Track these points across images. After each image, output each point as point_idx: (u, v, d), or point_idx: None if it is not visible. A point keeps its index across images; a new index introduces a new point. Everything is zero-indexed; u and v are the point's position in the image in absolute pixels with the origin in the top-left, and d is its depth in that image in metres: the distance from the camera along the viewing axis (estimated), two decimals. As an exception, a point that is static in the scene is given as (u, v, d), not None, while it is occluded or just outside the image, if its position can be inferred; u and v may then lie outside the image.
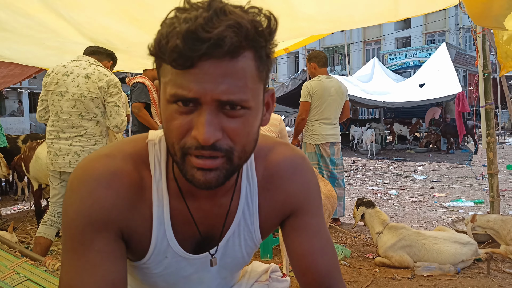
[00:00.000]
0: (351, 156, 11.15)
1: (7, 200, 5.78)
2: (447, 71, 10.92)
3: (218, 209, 0.78)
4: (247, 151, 0.67)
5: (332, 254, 0.84)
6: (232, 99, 0.60)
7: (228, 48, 0.57)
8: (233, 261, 0.85)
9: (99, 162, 0.71)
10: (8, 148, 5.27)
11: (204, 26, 0.56)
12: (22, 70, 5.56)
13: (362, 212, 3.14)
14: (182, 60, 0.57)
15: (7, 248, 2.26)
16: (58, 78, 2.72)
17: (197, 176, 0.64)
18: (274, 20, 0.63)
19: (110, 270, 0.68)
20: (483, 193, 5.62)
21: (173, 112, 0.62)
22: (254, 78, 0.63)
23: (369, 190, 6.28)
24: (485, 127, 3.65)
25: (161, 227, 0.75)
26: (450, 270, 2.73)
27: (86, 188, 0.69)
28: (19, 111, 21.80)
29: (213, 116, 0.61)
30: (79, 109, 2.71)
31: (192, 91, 0.59)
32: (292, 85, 11.52)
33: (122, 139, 0.80)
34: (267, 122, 0.73)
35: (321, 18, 3.14)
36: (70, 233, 0.69)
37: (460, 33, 23.21)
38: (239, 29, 0.57)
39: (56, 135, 2.75)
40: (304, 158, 0.86)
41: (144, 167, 0.74)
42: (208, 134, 0.59)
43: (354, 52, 27.47)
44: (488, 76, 3.65)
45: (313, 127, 3.95)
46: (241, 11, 0.60)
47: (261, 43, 0.61)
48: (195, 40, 0.56)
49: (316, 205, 0.85)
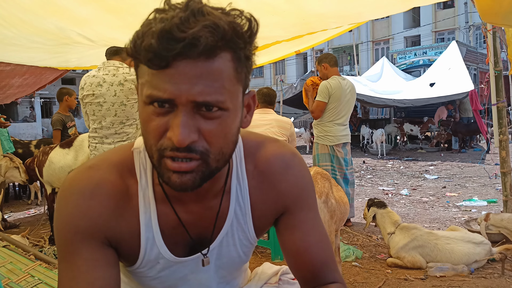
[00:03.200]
0: (361, 156, 11.08)
1: (20, 205, 5.86)
2: (458, 70, 10.79)
3: (208, 212, 0.78)
4: (224, 153, 0.66)
5: (327, 247, 0.83)
6: (208, 100, 0.60)
7: (203, 48, 0.57)
8: (229, 261, 0.85)
9: (83, 175, 0.73)
10: (21, 153, 5.35)
11: (179, 26, 0.56)
12: (35, 80, 5.66)
13: (374, 212, 3.12)
14: (157, 60, 0.57)
15: (22, 252, 2.30)
16: (93, 89, 2.78)
17: (172, 179, 0.63)
18: (255, 22, 0.62)
19: (99, 277, 0.69)
20: (496, 192, 5.54)
21: (150, 113, 0.62)
22: (232, 79, 0.62)
23: (380, 190, 6.23)
24: (497, 125, 3.60)
25: (150, 233, 0.76)
26: (464, 270, 2.70)
27: (72, 200, 0.71)
28: (31, 117, 22.13)
29: (189, 118, 0.60)
30: (120, 117, 2.79)
31: (167, 92, 0.59)
32: (300, 86, 11.49)
33: (109, 149, 0.82)
34: (248, 124, 0.72)
35: (330, 15, 3.13)
36: (60, 243, 0.72)
37: (470, 30, 22.95)
38: (216, 29, 0.57)
39: (100, 140, 2.83)
40: (295, 154, 0.84)
41: (130, 175, 0.75)
42: (183, 135, 0.59)
43: (363, 52, 27.31)
44: (500, 74, 3.60)
45: (328, 128, 3.93)
46: (220, 13, 0.60)
47: (239, 44, 0.61)
48: (169, 40, 0.56)
49: (309, 201, 0.84)
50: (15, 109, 21.75)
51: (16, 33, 3.02)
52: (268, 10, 2.74)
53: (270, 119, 3.40)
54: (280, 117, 3.56)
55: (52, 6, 2.47)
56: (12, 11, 2.52)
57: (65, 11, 2.59)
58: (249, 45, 0.63)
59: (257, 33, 0.63)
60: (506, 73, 4.29)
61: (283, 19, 3.03)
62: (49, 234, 3.86)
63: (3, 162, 4.07)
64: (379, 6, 3.02)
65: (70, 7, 2.54)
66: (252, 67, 0.67)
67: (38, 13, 2.56)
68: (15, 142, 5.65)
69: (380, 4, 2.97)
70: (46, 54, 3.95)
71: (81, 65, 4.80)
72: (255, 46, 0.65)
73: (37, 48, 3.51)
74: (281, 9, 2.79)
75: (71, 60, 4.41)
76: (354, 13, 3.19)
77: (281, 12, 2.86)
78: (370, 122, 14.07)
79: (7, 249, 2.26)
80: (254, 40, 0.64)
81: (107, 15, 2.75)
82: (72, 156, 3.56)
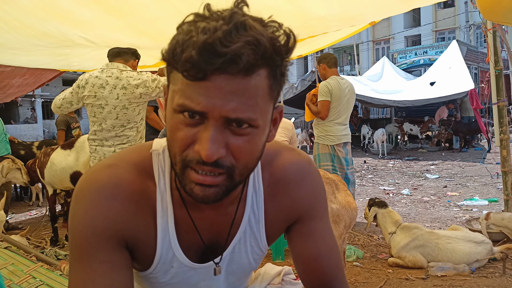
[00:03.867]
0: (362, 156, 11.08)
1: (22, 206, 5.88)
2: (458, 69, 10.78)
3: (223, 218, 0.77)
4: (249, 168, 0.65)
5: (336, 256, 0.84)
6: (240, 117, 0.58)
7: (244, 65, 0.55)
8: (239, 268, 0.84)
9: (102, 173, 0.72)
10: (23, 154, 5.36)
11: (222, 40, 0.54)
12: (35, 79, 5.68)
13: (375, 212, 3.12)
14: (195, 71, 0.56)
15: (23, 253, 2.30)
16: (96, 91, 2.74)
17: (195, 191, 0.63)
18: (293, 37, 0.61)
19: (114, 279, 0.68)
20: (497, 191, 5.54)
21: (179, 122, 0.61)
22: (266, 97, 0.61)
23: (381, 190, 6.23)
24: (498, 124, 3.60)
25: (166, 237, 0.75)
26: (465, 269, 2.70)
27: (90, 199, 0.70)
28: (33, 118, 22.17)
29: (219, 133, 0.59)
30: (122, 120, 2.77)
31: (201, 104, 0.57)
32: (301, 87, 11.50)
33: (126, 148, 0.81)
34: (273, 138, 0.71)
35: (332, 18, 3.13)
36: (75, 244, 0.70)
37: (470, 29, 22.91)
38: (257, 46, 0.56)
39: (100, 143, 2.81)
40: (310, 163, 0.84)
41: (148, 177, 0.74)
42: (211, 150, 0.58)
43: (363, 52, 27.28)
44: (500, 73, 3.60)
45: (328, 128, 3.93)
46: (261, 25, 0.58)
47: (277, 61, 0.59)
48: (211, 54, 0.54)
49: (322, 209, 0.85)
50: (16, 110, 21.79)
51: (17, 37, 3.03)
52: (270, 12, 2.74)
53: None
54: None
55: (54, 9, 2.48)
56: (14, 14, 2.52)
57: (66, 14, 2.60)
58: (285, 61, 0.62)
59: (294, 48, 0.61)
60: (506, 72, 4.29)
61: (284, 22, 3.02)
62: (50, 235, 3.87)
63: (5, 163, 4.08)
64: (380, 7, 3.02)
65: (72, 9, 2.54)
66: (284, 83, 0.65)
67: (40, 16, 2.56)
68: (18, 143, 5.66)
69: (382, 5, 2.96)
70: (48, 58, 3.96)
71: (84, 68, 4.81)
72: (290, 62, 0.64)
73: (39, 51, 3.52)
74: (282, 11, 2.78)
75: (73, 64, 4.43)
76: (355, 15, 3.19)
77: (283, 15, 2.86)
78: (371, 121, 14.07)
79: (8, 250, 2.26)
80: (290, 56, 0.62)
81: (108, 16, 2.75)
82: (73, 157, 3.56)
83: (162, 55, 0.60)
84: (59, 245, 3.67)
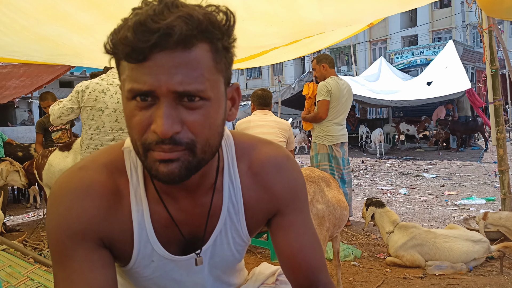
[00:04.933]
0: (360, 156, 11.10)
1: (19, 208, 5.86)
2: (455, 69, 10.81)
3: (200, 209, 0.78)
4: (211, 144, 0.66)
5: (319, 249, 0.84)
6: (188, 90, 0.60)
7: (178, 37, 0.57)
8: (223, 260, 0.85)
9: (73, 176, 0.73)
10: (21, 156, 5.35)
11: (153, 17, 0.57)
12: (32, 81, 5.67)
13: (372, 212, 3.12)
14: (135, 53, 0.58)
15: (21, 255, 2.30)
16: (96, 95, 2.76)
17: (160, 169, 0.63)
18: (231, 14, 0.63)
19: (95, 278, 0.69)
20: (494, 190, 5.56)
21: (133, 108, 0.62)
22: (211, 69, 0.63)
23: (378, 190, 6.24)
24: (495, 124, 3.62)
25: (143, 232, 0.75)
26: (462, 268, 2.71)
27: (63, 203, 0.71)
28: (30, 120, 22.10)
29: (171, 109, 0.60)
30: (120, 123, 2.80)
31: (147, 83, 0.59)
32: (298, 87, 11.49)
33: (99, 150, 0.82)
34: (234, 117, 0.72)
35: (328, 22, 3.14)
36: (53, 247, 0.72)
37: (467, 29, 22.99)
38: (190, 19, 0.58)
39: (95, 148, 2.81)
40: (288, 157, 0.85)
41: (120, 175, 0.75)
42: (166, 126, 0.59)
43: (360, 52, 27.34)
44: (496, 72, 3.62)
45: (327, 128, 3.95)
46: (195, 6, 0.61)
47: (216, 35, 0.61)
48: (144, 32, 0.57)
49: (302, 203, 0.85)
50: (13, 112, 21.73)
51: (16, 40, 3.01)
52: (267, 19, 2.74)
53: (270, 120, 3.42)
54: (279, 119, 3.58)
55: (54, 12, 2.47)
56: (13, 17, 2.51)
57: (66, 17, 2.59)
58: (227, 36, 0.63)
59: (234, 24, 0.64)
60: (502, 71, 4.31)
61: (282, 29, 3.02)
62: (48, 237, 3.86)
63: (4, 166, 4.07)
64: (376, 9, 3.03)
65: (72, 13, 2.53)
66: (232, 59, 0.67)
67: (39, 19, 2.55)
68: (16, 145, 5.64)
69: (377, 7, 2.98)
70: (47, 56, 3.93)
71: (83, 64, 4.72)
72: (234, 38, 0.65)
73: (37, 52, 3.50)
74: (279, 19, 2.78)
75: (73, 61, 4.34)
76: (352, 19, 3.20)
77: (280, 22, 2.86)
78: (368, 121, 14.08)
79: (6, 252, 2.26)
80: (232, 31, 0.64)
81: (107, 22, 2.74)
82: (71, 159, 3.56)
83: (105, 48, 0.62)
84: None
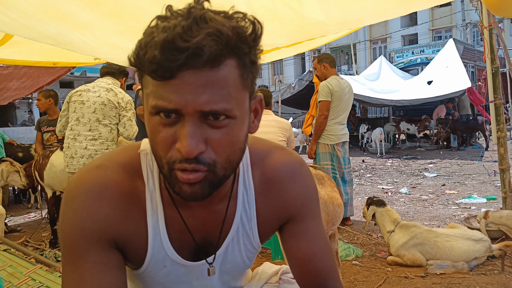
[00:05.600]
0: (361, 155, 11.09)
1: (20, 209, 5.87)
2: (455, 68, 10.80)
3: (214, 216, 0.77)
4: (232, 161, 0.65)
5: (330, 255, 0.84)
6: (214, 109, 0.58)
7: (208, 57, 0.55)
8: (233, 266, 0.84)
9: (90, 175, 0.71)
10: (21, 157, 5.35)
11: (182, 35, 0.54)
12: (33, 82, 5.68)
13: (373, 211, 3.12)
14: (161, 71, 0.56)
15: (22, 255, 2.31)
16: (81, 93, 3.15)
17: (184, 189, 0.63)
18: (259, 24, 0.61)
19: (106, 280, 0.69)
20: (495, 189, 5.56)
21: (156, 124, 0.61)
22: (238, 86, 0.61)
23: (379, 189, 6.24)
24: (495, 122, 3.61)
25: (157, 236, 0.75)
26: (464, 267, 2.71)
27: (79, 201, 0.70)
28: (30, 121, 22.12)
29: (196, 128, 0.59)
30: (98, 114, 3.07)
31: (173, 102, 0.58)
32: (298, 86, 11.49)
33: (114, 149, 0.81)
34: (256, 129, 0.71)
35: (330, 22, 3.14)
36: (66, 246, 0.70)
37: (467, 28, 22.97)
38: (219, 37, 0.55)
39: (73, 138, 3.07)
40: (301, 163, 0.84)
41: (137, 177, 0.74)
42: (192, 146, 0.58)
43: (360, 51, 27.34)
44: (497, 71, 3.61)
45: (329, 127, 3.96)
46: (223, 17, 0.58)
47: (244, 50, 0.59)
48: (173, 50, 0.54)
49: (314, 210, 0.85)
50: (13, 113, 21.75)
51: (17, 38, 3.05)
52: (269, 15, 2.74)
53: (270, 119, 3.42)
54: (279, 118, 3.58)
55: (54, 11, 2.47)
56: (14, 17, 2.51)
57: (66, 16, 2.59)
58: (254, 49, 0.61)
59: (261, 35, 0.61)
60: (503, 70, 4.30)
61: (282, 26, 3.02)
62: (49, 237, 3.86)
63: (4, 166, 4.07)
64: (378, 11, 3.02)
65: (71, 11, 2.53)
66: (258, 71, 0.65)
67: (40, 19, 2.55)
68: (16, 146, 5.65)
69: (380, 9, 2.97)
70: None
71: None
72: (260, 49, 0.63)
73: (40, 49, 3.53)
74: (281, 15, 2.78)
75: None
76: (353, 19, 3.20)
77: (281, 19, 2.86)
78: (369, 121, 14.08)
79: (7, 252, 2.26)
80: (259, 43, 0.62)
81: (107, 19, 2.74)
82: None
83: (129, 61, 0.60)
84: (58, 247, 3.67)
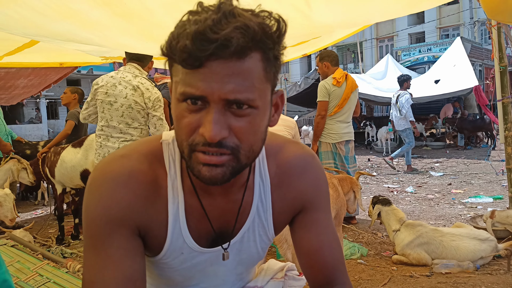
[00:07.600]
0: (367, 154, 11.05)
1: (27, 205, 5.92)
2: (463, 66, 10.71)
3: (232, 205, 0.80)
4: (254, 150, 0.69)
5: (338, 248, 0.87)
6: (239, 98, 0.62)
7: (235, 48, 0.59)
8: (248, 257, 0.87)
9: (115, 163, 0.75)
10: (29, 154, 5.39)
11: (212, 28, 0.58)
12: (40, 80, 5.73)
13: (378, 210, 3.12)
14: (191, 60, 0.60)
15: (29, 251, 2.33)
16: (108, 88, 2.94)
17: (203, 172, 0.66)
18: (283, 23, 0.65)
19: (129, 266, 0.71)
20: (502, 189, 5.52)
21: (183, 110, 0.65)
22: (261, 78, 0.65)
23: (385, 188, 6.22)
24: (503, 121, 3.59)
25: (177, 223, 0.78)
26: (469, 267, 2.70)
27: (104, 189, 0.73)
28: (37, 118, 22.30)
29: (220, 115, 0.63)
30: (126, 118, 2.94)
31: (200, 89, 0.62)
32: (304, 85, 11.48)
33: (137, 140, 0.83)
34: (275, 122, 0.74)
35: (337, 24, 3.14)
36: (90, 232, 0.73)
37: (475, 26, 22.78)
38: (246, 30, 0.60)
39: (105, 138, 2.98)
40: (313, 156, 0.88)
41: (159, 166, 0.77)
42: (215, 131, 0.62)
43: (367, 50, 27.22)
44: (505, 70, 3.58)
45: (330, 126, 3.95)
46: (250, 14, 0.62)
47: (268, 45, 0.63)
48: (203, 41, 0.59)
49: (324, 201, 0.89)
50: (21, 110, 21.92)
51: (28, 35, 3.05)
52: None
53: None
54: (284, 116, 3.58)
55: (65, 9, 2.49)
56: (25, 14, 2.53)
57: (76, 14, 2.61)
58: (278, 45, 0.65)
59: (285, 33, 0.66)
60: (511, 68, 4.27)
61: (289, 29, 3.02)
62: (56, 233, 3.89)
63: (12, 164, 4.10)
64: (385, 11, 3.01)
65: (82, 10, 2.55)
66: (280, 67, 0.69)
67: (50, 16, 2.57)
68: (24, 143, 5.69)
69: (387, 9, 2.95)
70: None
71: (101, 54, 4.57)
72: (284, 46, 0.67)
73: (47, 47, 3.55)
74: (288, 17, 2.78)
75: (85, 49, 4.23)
76: (360, 21, 3.19)
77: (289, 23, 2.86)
78: (374, 119, 14.02)
79: (15, 248, 2.29)
80: (283, 40, 0.66)
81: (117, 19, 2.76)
82: (81, 155, 3.58)
83: (161, 51, 0.65)
84: (65, 244, 3.69)
